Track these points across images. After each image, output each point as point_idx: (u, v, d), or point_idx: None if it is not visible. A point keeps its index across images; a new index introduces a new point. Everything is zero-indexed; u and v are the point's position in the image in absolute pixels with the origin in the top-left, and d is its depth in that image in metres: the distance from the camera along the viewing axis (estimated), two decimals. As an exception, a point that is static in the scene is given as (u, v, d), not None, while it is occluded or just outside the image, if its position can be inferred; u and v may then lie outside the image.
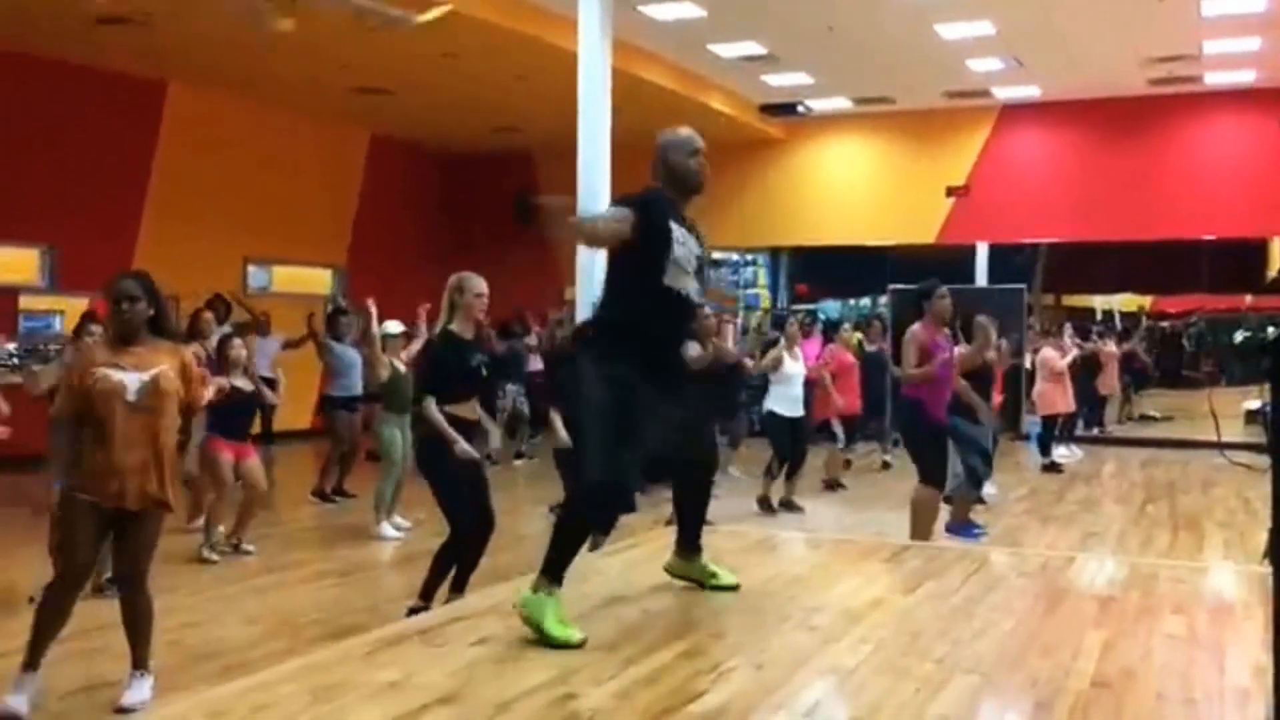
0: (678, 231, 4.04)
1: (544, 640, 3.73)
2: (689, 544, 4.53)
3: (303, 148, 15.81)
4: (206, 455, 7.74)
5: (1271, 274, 21.11)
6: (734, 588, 4.48)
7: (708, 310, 8.37)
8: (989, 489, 9.50)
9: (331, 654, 3.75)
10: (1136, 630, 4.11)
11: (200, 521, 8.01)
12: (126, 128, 13.60)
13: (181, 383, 4.78)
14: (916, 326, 7.04)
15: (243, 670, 5.05)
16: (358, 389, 9.84)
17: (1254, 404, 17.38)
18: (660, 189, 4.17)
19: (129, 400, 4.57)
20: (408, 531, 8.45)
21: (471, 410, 5.73)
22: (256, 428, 12.37)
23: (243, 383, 7.80)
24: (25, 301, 12.97)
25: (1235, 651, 3.82)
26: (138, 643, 4.76)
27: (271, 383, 12.63)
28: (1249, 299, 27.44)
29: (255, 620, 6.22)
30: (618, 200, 4.17)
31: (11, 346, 11.28)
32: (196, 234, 14.09)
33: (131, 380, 4.59)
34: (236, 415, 7.79)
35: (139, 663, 4.77)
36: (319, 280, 16.93)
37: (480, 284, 5.71)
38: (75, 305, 13.39)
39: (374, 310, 8.19)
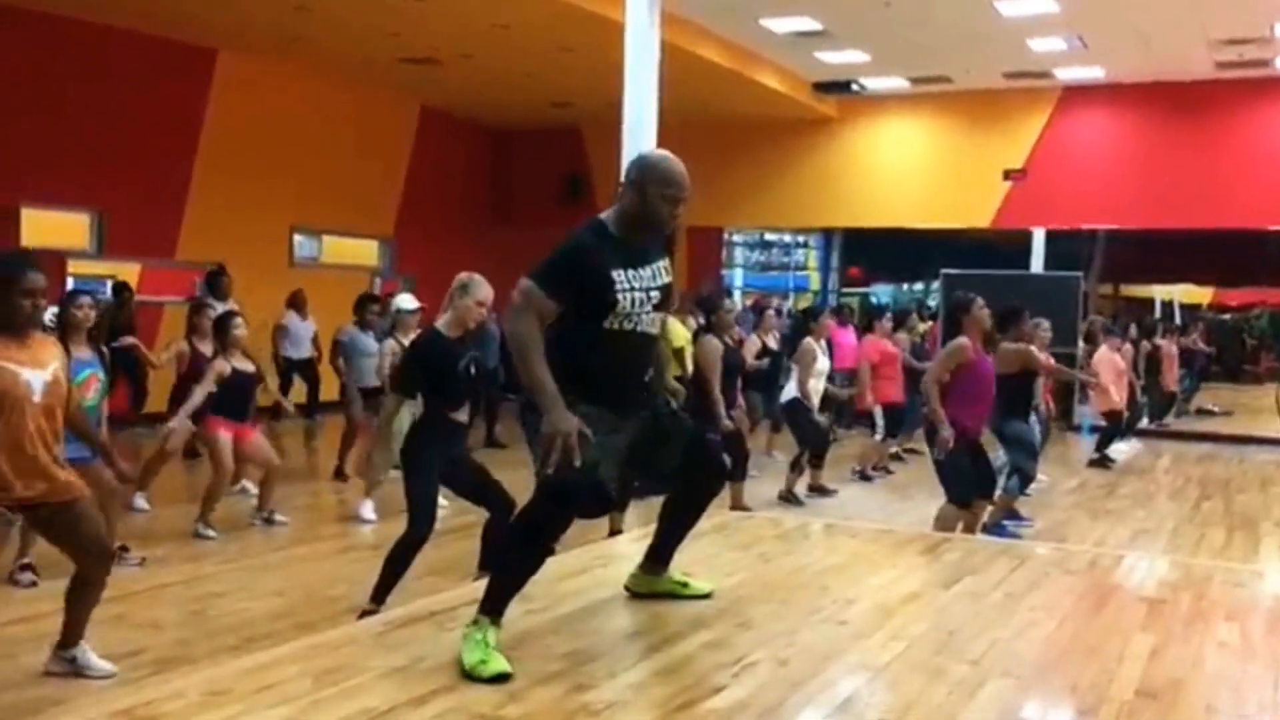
0: (620, 277, 3.49)
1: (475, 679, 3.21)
2: (660, 559, 4.07)
3: (352, 118, 15.74)
4: (206, 436, 7.62)
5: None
6: (707, 595, 4.07)
7: (730, 303, 8.06)
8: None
9: (340, 634, 3.65)
10: (1187, 636, 3.90)
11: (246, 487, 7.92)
12: (176, 95, 13.58)
13: (66, 383, 4.42)
14: (964, 340, 6.66)
15: (264, 643, 4.98)
16: (370, 380, 9.33)
17: (1316, 400, 16.95)
18: (599, 227, 3.62)
19: (35, 402, 4.18)
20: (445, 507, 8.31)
21: (463, 413, 5.52)
22: (301, 398, 12.56)
23: (242, 363, 7.59)
24: (74, 266, 13.02)
25: (1292, 664, 3.60)
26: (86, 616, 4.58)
27: (311, 363, 12.70)
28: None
29: (281, 592, 6.14)
30: (536, 272, 3.47)
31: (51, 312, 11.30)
32: (244, 202, 14.08)
33: (35, 380, 4.19)
34: (236, 396, 7.55)
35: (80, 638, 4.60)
36: (366, 251, 16.90)
37: (484, 291, 5.44)
38: (124, 271, 13.50)
39: None
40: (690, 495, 4.02)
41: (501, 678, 3.18)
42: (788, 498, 9.43)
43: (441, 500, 7.93)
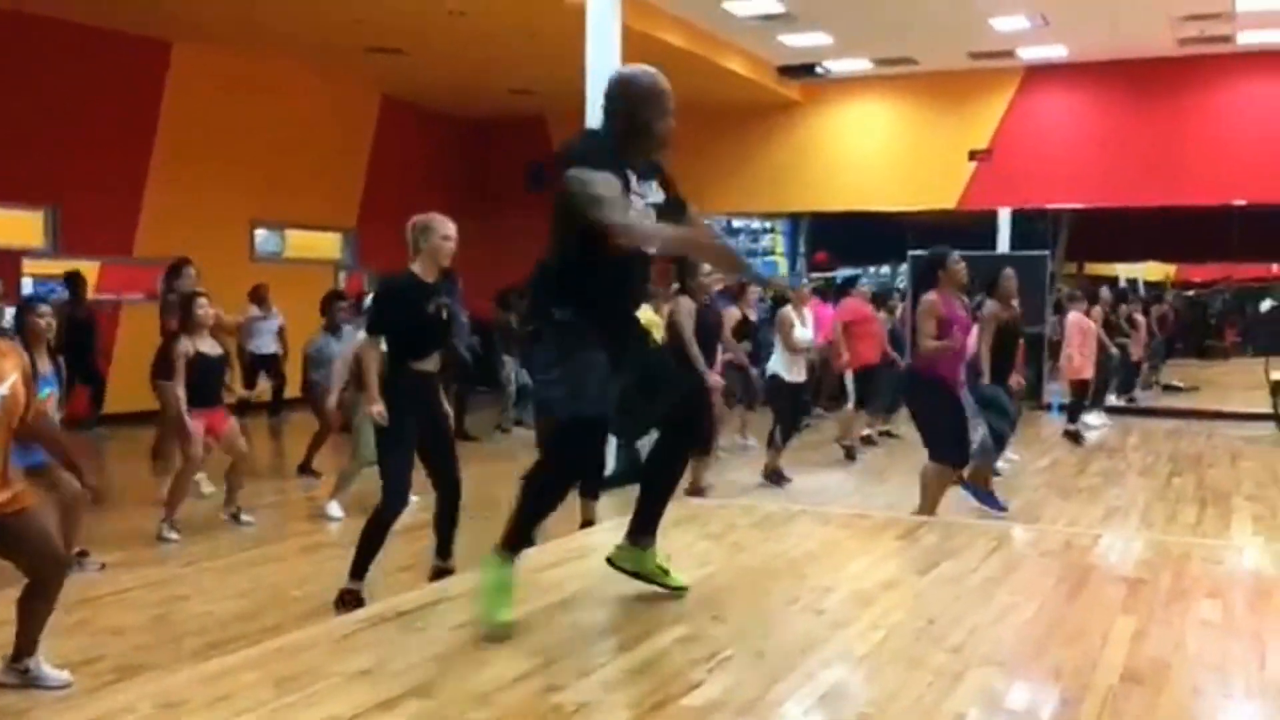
0: (633, 183, 3.53)
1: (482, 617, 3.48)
2: (645, 528, 3.90)
3: (312, 109, 15.51)
4: (176, 424, 7.44)
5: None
6: (684, 590, 3.91)
7: (706, 269, 7.97)
8: (1003, 462, 9.20)
9: (302, 638, 3.52)
10: (1168, 617, 3.84)
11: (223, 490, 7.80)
12: (130, 89, 13.32)
13: (25, 391, 4.25)
14: (932, 295, 6.68)
15: (228, 647, 4.85)
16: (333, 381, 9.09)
17: (1281, 374, 17.07)
18: (604, 140, 3.61)
19: None
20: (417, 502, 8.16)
21: (433, 363, 5.33)
22: (265, 397, 12.34)
23: (208, 346, 7.41)
24: (30, 266, 12.75)
25: (1277, 643, 3.54)
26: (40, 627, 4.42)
27: (275, 359, 12.45)
28: (1276, 268, 26.97)
29: (246, 594, 5.99)
30: (568, 160, 3.50)
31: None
32: (203, 197, 13.84)
33: None
34: (205, 381, 7.36)
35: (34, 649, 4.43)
36: (329, 244, 16.68)
37: (448, 225, 5.28)
38: (82, 269, 13.22)
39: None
40: (671, 445, 3.88)
41: (504, 627, 3.38)
42: (771, 476, 9.35)
43: (414, 497, 7.81)
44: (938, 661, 3.29)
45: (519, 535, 3.59)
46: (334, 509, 7.96)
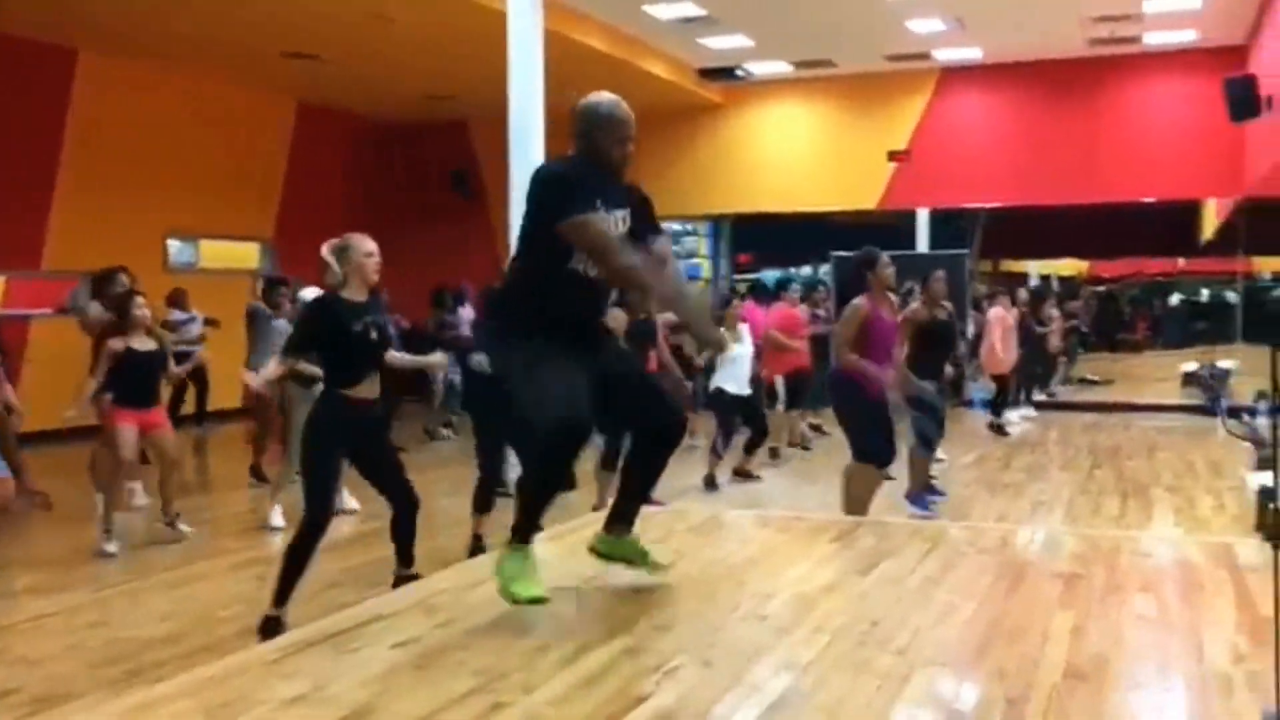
0: (600, 209, 3.69)
1: (507, 595, 3.66)
2: (624, 519, 4.15)
3: (226, 117, 15.17)
4: (107, 426, 7.22)
5: (1205, 237, 21.21)
6: (665, 569, 4.19)
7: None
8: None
9: (232, 663, 3.39)
10: (1105, 611, 3.87)
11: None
12: (34, 98, 12.91)
13: None
14: (860, 300, 6.67)
15: (150, 674, 4.71)
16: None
17: (1191, 366, 17.55)
18: (575, 164, 3.81)
19: None
20: (353, 514, 8.01)
21: (369, 389, 5.08)
22: (191, 407, 12.05)
23: (142, 343, 7.19)
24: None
25: (1211, 634, 3.58)
26: None
27: (200, 367, 12.15)
28: (1181, 262, 27.76)
29: (169, 616, 5.80)
30: (545, 205, 3.71)
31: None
32: (114, 207, 13.47)
33: None
34: (138, 379, 7.19)
35: None
36: (246, 254, 16.31)
37: (369, 243, 5.11)
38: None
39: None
40: (652, 450, 4.06)
41: (536, 601, 3.58)
42: (709, 481, 9.37)
43: (354, 504, 7.63)
44: (884, 664, 3.28)
45: (527, 527, 3.76)
46: (276, 518, 7.82)
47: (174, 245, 14.99)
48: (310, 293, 7.90)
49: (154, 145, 14.05)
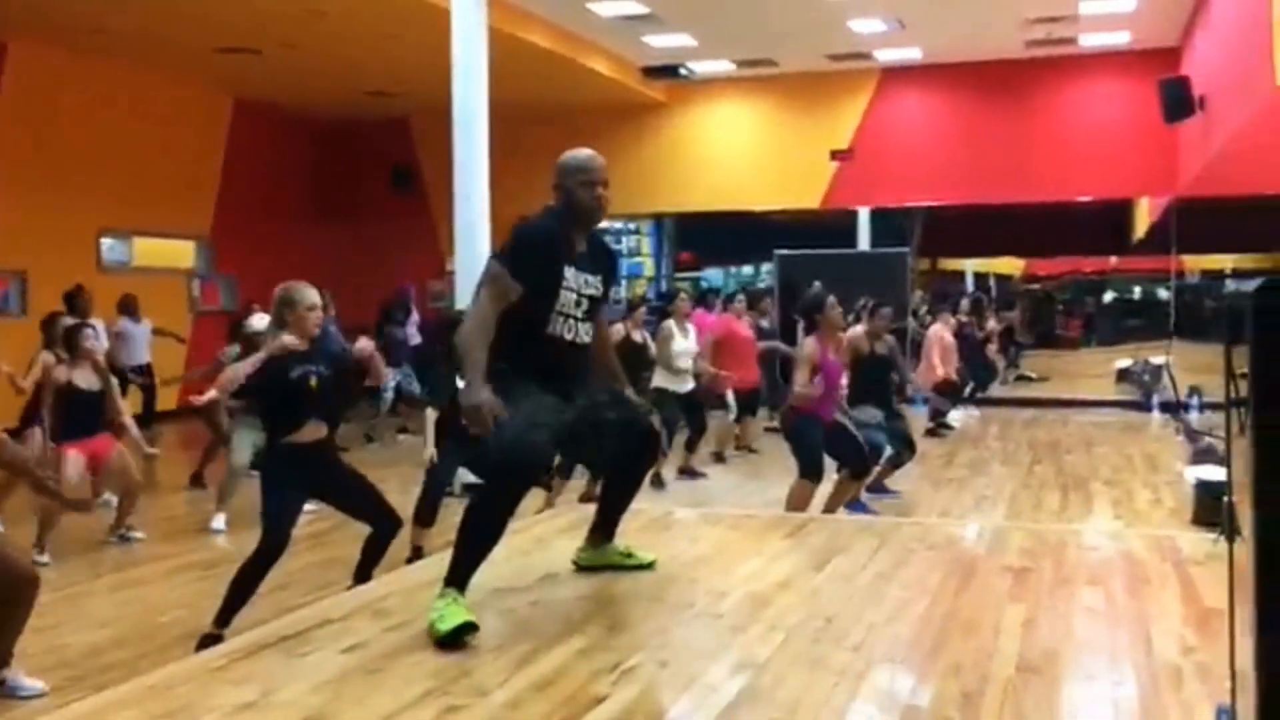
0: (569, 275, 3.80)
1: (437, 636, 3.41)
2: (605, 532, 4.31)
3: (160, 113, 14.87)
4: (56, 458, 7.08)
5: (1138, 235, 21.62)
6: (651, 565, 4.31)
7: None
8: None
9: (177, 670, 3.30)
10: (1054, 605, 3.92)
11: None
12: (-39, 91, 12.59)
13: None
14: (810, 341, 6.95)
15: (87, 683, 4.59)
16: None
17: (1125, 363, 17.89)
18: (555, 217, 3.90)
19: None
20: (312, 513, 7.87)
21: (314, 431, 5.03)
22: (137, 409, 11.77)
23: (87, 380, 7.07)
24: None
25: (1160, 626, 3.64)
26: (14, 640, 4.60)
27: (148, 369, 11.97)
28: (1113, 260, 28.28)
29: (106, 623, 5.67)
30: (500, 252, 3.85)
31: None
32: (45, 205, 13.13)
33: None
34: (80, 414, 7.05)
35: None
36: (182, 253, 16.01)
37: (311, 295, 5.06)
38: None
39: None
40: (628, 469, 4.24)
41: (466, 628, 3.40)
42: (655, 479, 9.35)
43: (310, 506, 7.51)
44: (840, 661, 3.28)
45: (464, 574, 3.60)
46: (218, 522, 7.75)
47: (107, 243, 14.67)
48: (259, 320, 7.79)
49: (87, 141, 13.74)
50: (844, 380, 7.69)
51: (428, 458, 6.46)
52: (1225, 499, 2.36)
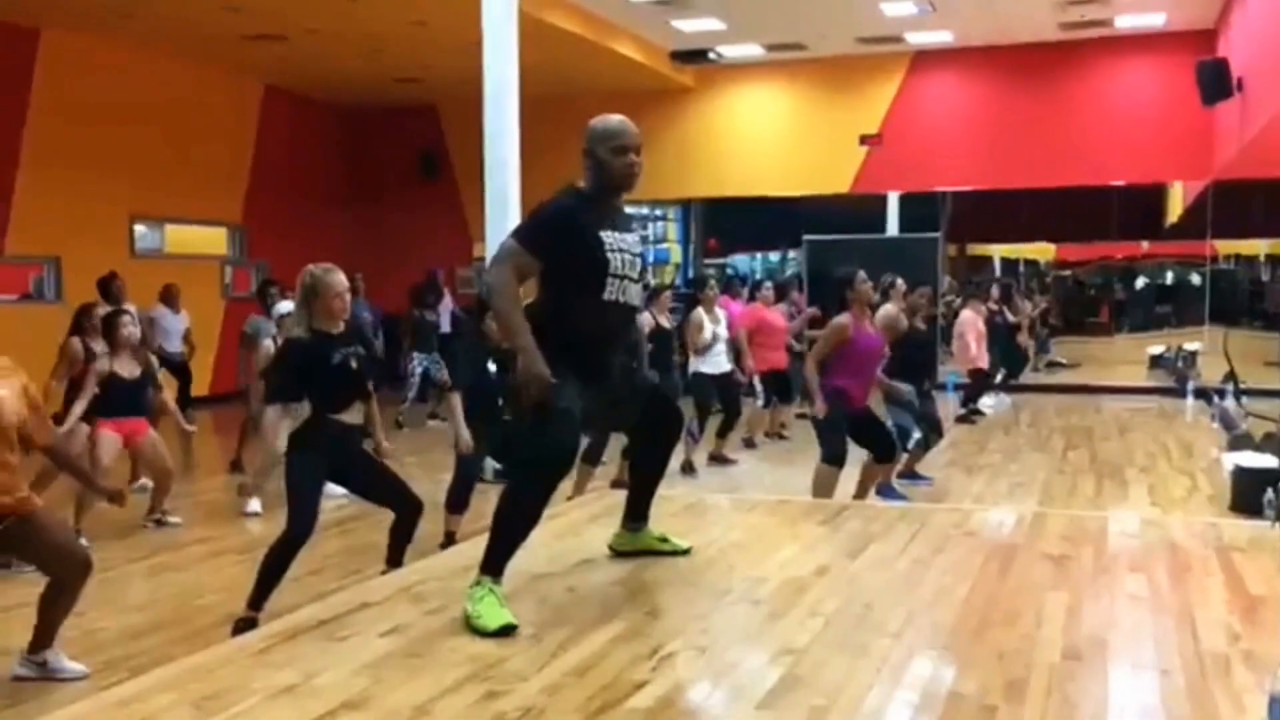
0: (609, 238, 3.76)
1: (478, 632, 3.40)
2: (638, 515, 4.31)
3: (192, 99, 14.92)
4: (91, 435, 7.13)
5: (1171, 220, 21.38)
6: (686, 552, 4.31)
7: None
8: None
9: (218, 653, 3.32)
10: (1097, 592, 3.88)
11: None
12: (-5, 78, 12.67)
13: (26, 409, 4.48)
14: (843, 319, 6.87)
15: (125, 666, 4.63)
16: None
17: (1158, 349, 17.72)
18: (576, 192, 3.84)
19: None
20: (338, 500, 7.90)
21: (353, 415, 5.09)
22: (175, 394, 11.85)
23: (128, 367, 7.09)
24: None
25: (1204, 614, 3.59)
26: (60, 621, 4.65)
27: (182, 361, 12.03)
28: (1145, 245, 27.98)
29: (144, 607, 5.70)
30: (519, 230, 3.84)
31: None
32: (78, 192, 13.22)
33: None
34: (122, 399, 7.07)
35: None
36: (214, 239, 16.10)
37: (339, 282, 5.04)
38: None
39: None
40: (653, 447, 4.25)
41: (508, 629, 3.37)
42: (686, 467, 9.33)
43: (340, 492, 7.54)
44: (881, 648, 3.25)
45: (501, 561, 3.60)
46: (254, 505, 7.78)
47: (140, 230, 14.77)
48: (286, 306, 7.80)
49: (119, 127, 13.80)
50: (884, 354, 7.55)
51: (462, 442, 6.42)
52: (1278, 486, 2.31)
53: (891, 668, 3.10)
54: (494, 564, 3.58)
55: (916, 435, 8.50)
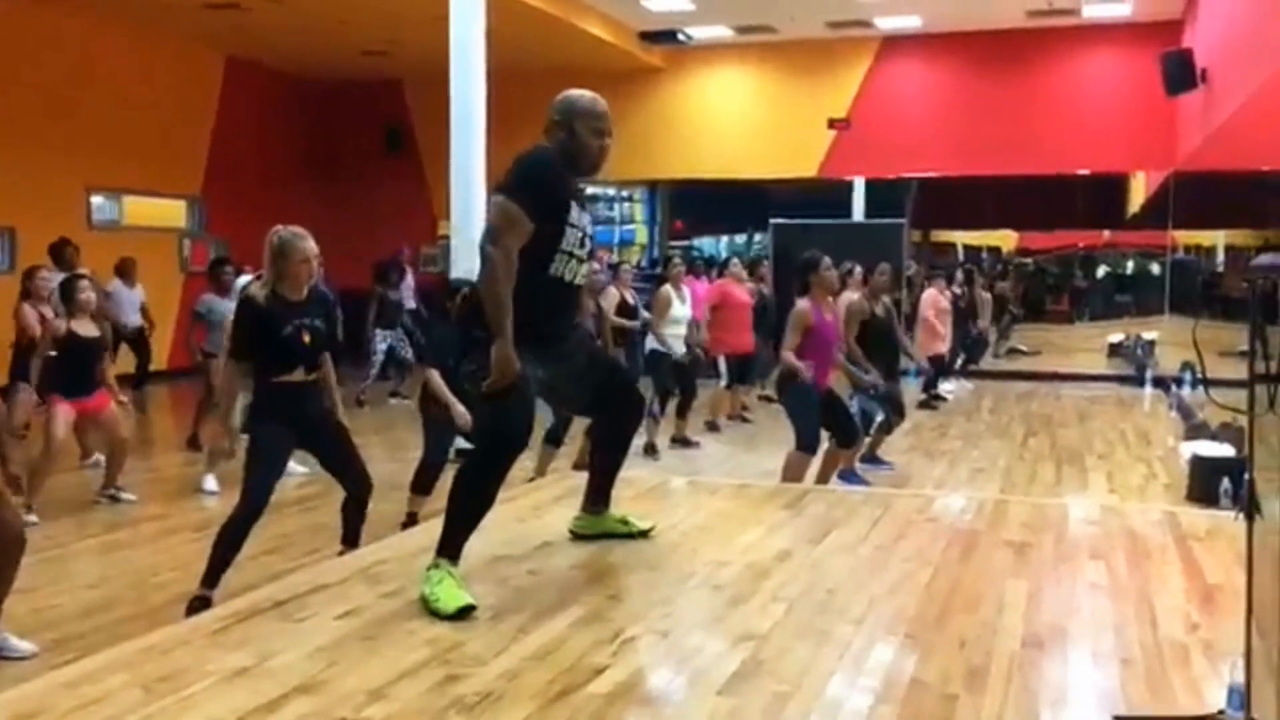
0: (574, 214, 3.68)
1: (436, 615, 3.36)
2: (599, 498, 4.26)
3: (150, 69, 14.67)
4: (47, 412, 7.00)
5: (1133, 210, 21.55)
6: (648, 533, 4.29)
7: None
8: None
9: (170, 634, 3.25)
10: (1058, 579, 3.89)
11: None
12: (-52, 44, 12.38)
13: None
14: (804, 304, 6.82)
15: (77, 645, 4.54)
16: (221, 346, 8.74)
17: (1117, 337, 17.90)
18: (552, 154, 3.70)
19: None
20: (303, 476, 7.80)
21: (300, 374, 4.92)
22: (129, 369, 11.69)
23: (85, 328, 6.98)
24: None
25: (1163, 602, 3.61)
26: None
27: (140, 332, 11.85)
28: (1106, 235, 28.22)
29: (96, 584, 5.60)
30: (508, 189, 3.57)
31: None
32: (33, 163, 12.93)
33: None
34: (78, 365, 6.95)
35: None
36: (173, 212, 15.85)
37: (308, 248, 4.90)
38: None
39: None
40: (614, 429, 4.19)
41: (466, 611, 3.32)
42: (649, 449, 9.29)
43: (301, 468, 7.40)
44: (843, 634, 3.24)
45: (456, 543, 3.57)
46: (210, 483, 7.66)
47: (97, 201, 14.51)
48: (245, 279, 7.67)
49: (78, 98, 13.53)
50: (840, 340, 7.56)
51: (459, 417, 6.25)
52: (1246, 476, 2.31)
53: (853, 654, 3.09)
54: (451, 546, 3.54)
55: (879, 418, 8.53)
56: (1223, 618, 3.43)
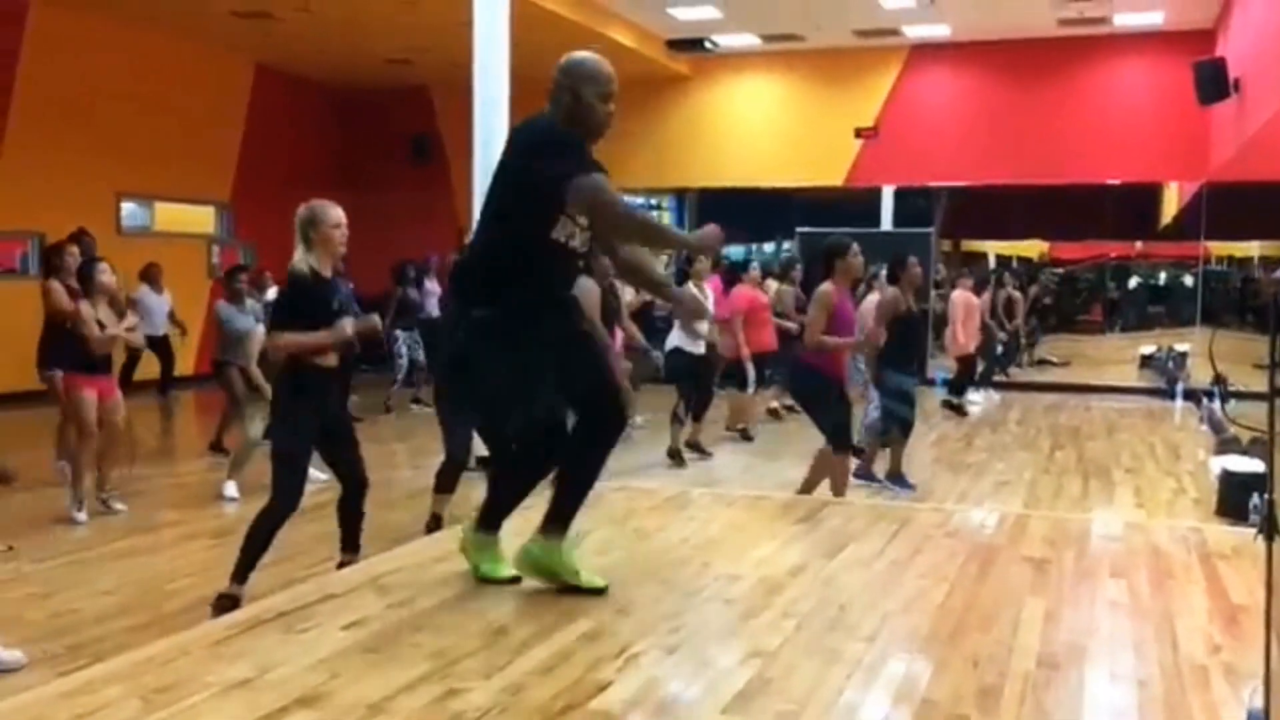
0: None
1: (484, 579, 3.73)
2: (561, 519, 3.68)
3: (180, 76, 14.78)
4: (69, 395, 7.03)
5: (1165, 221, 21.31)
6: (601, 591, 3.66)
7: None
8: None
9: (174, 644, 3.23)
10: (1077, 598, 3.81)
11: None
12: (-17, 51, 12.51)
13: None
14: (828, 287, 6.63)
15: (89, 651, 4.53)
16: (250, 361, 8.69)
17: (1149, 349, 17.67)
18: (561, 126, 3.61)
19: None
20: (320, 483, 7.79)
21: (332, 359, 4.96)
22: (146, 373, 11.77)
23: (106, 316, 7.03)
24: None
25: (1184, 623, 3.52)
26: None
27: (165, 340, 11.92)
28: (1139, 245, 27.93)
29: (113, 590, 5.60)
30: (557, 150, 3.51)
31: None
32: (65, 168, 13.06)
33: None
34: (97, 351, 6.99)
35: None
36: (202, 218, 15.97)
37: (337, 212, 4.93)
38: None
39: None
40: (590, 442, 3.68)
41: (511, 581, 3.67)
42: (674, 455, 9.24)
43: (322, 475, 7.40)
44: (854, 652, 3.18)
45: (499, 516, 3.78)
46: (230, 489, 7.66)
47: (127, 207, 14.64)
48: (274, 293, 7.68)
49: (108, 104, 13.65)
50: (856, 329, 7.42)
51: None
52: (1265, 496, 2.24)
53: (863, 672, 3.03)
54: (491, 520, 3.76)
55: (882, 426, 8.35)
56: (1246, 640, 3.34)
